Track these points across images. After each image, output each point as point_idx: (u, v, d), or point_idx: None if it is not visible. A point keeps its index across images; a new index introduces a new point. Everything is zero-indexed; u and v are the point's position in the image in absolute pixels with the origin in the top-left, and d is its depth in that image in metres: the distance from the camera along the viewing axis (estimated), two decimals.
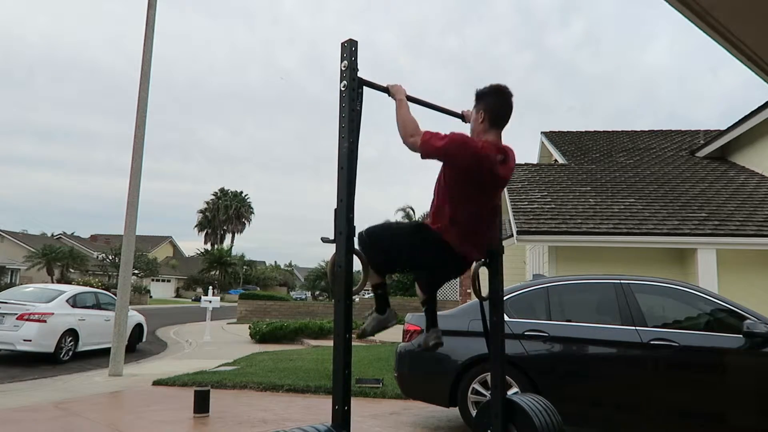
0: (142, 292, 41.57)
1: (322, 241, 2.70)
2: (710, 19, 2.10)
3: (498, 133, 2.90)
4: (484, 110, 2.88)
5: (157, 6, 9.44)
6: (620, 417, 4.50)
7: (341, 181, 2.71)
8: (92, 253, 49.04)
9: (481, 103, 2.92)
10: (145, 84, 9.24)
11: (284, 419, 5.39)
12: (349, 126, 2.74)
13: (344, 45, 2.80)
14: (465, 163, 2.72)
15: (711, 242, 8.75)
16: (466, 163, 2.72)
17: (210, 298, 15.66)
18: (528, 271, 12.06)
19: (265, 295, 26.88)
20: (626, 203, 10.09)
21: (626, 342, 4.52)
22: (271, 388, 7.03)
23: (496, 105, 2.87)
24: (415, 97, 3.12)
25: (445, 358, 4.97)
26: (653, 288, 4.94)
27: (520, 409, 3.15)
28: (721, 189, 10.73)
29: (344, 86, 2.76)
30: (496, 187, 2.94)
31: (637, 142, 15.41)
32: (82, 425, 5.23)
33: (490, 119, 2.87)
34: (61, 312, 10.45)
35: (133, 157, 9.09)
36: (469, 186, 2.78)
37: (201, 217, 64.25)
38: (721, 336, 4.46)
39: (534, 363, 4.67)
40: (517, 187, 11.06)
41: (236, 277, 56.02)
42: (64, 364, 10.02)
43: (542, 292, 5.09)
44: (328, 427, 2.54)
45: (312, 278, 47.40)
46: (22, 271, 43.84)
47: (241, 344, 14.03)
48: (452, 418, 5.43)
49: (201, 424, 5.28)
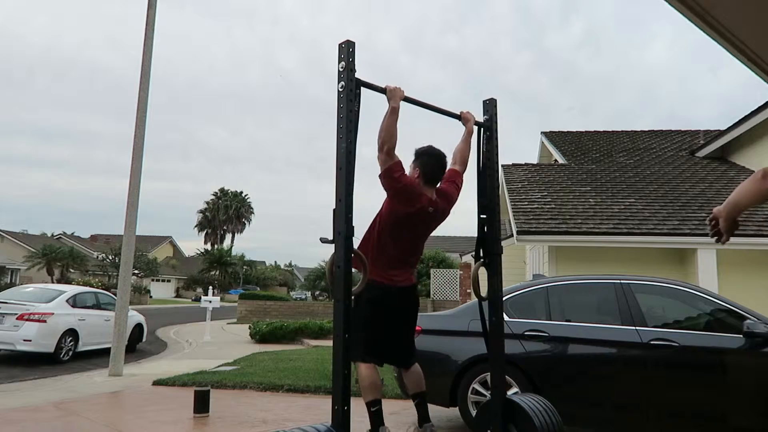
0: (142, 292, 41.57)
1: (321, 242, 2.70)
2: (710, 19, 2.10)
3: (431, 188, 3.39)
4: (419, 168, 3.38)
5: (157, 6, 9.44)
6: (620, 417, 4.49)
7: (340, 181, 2.72)
8: (92, 253, 49.05)
9: (417, 161, 3.41)
10: (145, 84, 9.23)
11: (284, 419, 5.39)
12: (347, 127, 2.74)
13: (341, 46, 2.80)
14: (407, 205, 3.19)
15: (711, 242, 8.62)
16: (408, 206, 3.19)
17: (210, 298, 15.65)
18: (528, 271, 12.06)
19: (265, 295, 26.88)
20: (626, 203, 10.08)
21: (626, 342, 4.51)
22: (271, 388, 7.03)
23: (428, 166, 3.38)
24: (414, 98, 3.12)
25: (445, 358, 4.97)
26: (653, 288, 4.94)
27: (520, 409, 3.15)
28: (721, 189, 10.72)
29: (342, 87, 2.77)
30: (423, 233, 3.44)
31: (637, 142, 15.40)
32: (82, 425, 5.22)
33: (423, 176, 3.35)
34: (61, 312, 10.45)
35: (133, 157, 9.08)
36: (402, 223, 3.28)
37: (201, 217, 64.26)
38: (721, 336, 4.45)
39: (534, 363, 4.66)
40: (517, 187, 11.05)
41: (236, 277, 56.02)
42: (64, 364, 10.02)
43: (542, 292, 5.09)
44: (328, 427, 2.55)
45: (312, 278, 47.32)
46: (22, 271, 43.83)
47: (241, 344, 14.02)
48: (452, 418, 5.43)
49: (201, 424, 5.27)
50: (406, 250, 3.40)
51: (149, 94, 9.30)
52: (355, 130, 2.79)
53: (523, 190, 10.94)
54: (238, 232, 65.04)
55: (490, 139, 3.58)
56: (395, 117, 2.99)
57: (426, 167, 3.35)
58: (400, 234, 3.30)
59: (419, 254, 3.56)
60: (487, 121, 3.62)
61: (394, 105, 2.98)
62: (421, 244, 3.51)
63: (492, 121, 3.61)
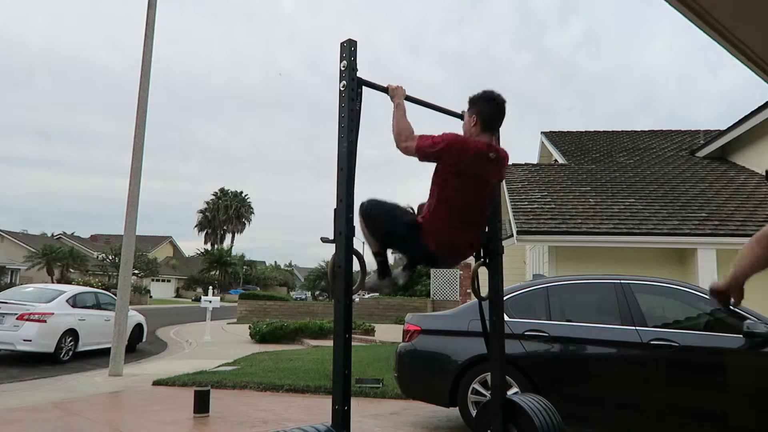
0: (142, 292, 41.57)
1: (322, 242, 2.70)
2: (710, 18, 2.10)
3: (490, 135, 3.01)
4: (476, 114, 2.99)
5: (157, 6, 9.44)
6: (620, 417, 4.49)
7: (341, 181, 2.72)
8: (92, 253, 49.03)
9: (474, 107, 3.03)
10: (145, 84, 9.23)
11: (284, 419, 5.39)
12: (349, 126, 2.74)
13: (343, 45, 2.80)
14: (459, 160, 2.82)
15: (711, 242, 8.74)
16: (459, 161, 2.82)
17: (210, 298, 15.65)
18: (528, 271, 12.06)
19: (265, 295, 26.89)
20: (626, 203, 10.08)
21: (626, 342, 4.51)
22: (271, 388, 7.03)
23: (487, 110, 3.00)
24: (414, 97, 3.12)
25: (445, 358, 4.97)
26: (653, 288, 4.94)
27: (520, 409, 3.15)
28: (721, 189, 10.73)
29: (343, 86, 2.77)
30: (486, 185, 3.02)
31: (637, 142, 15.41)
32: (82, 425, 5.23)
33: (482, 123, 2.98)
34: (61, 312, 10.45)
35: (133, 157, 9.08)
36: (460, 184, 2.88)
37: (201, 217, 64.25)
38: (721, 336, 4.46)
39: (534, 363, 4.66)
40: (517, 187, 11.05)
41: (236, 277, 56.01)
42: (64, 364, 10.02)
43: (542, 292, 5.09)
44: (328, 427, 2.55)
45: (312, 278, 47.33)
46: (22, 271, 43.82)
47: (241, 344, 14.03)
48: (452, 418, 5.43)
49: (201, 424, 5.27)
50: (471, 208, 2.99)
51: (149, 94, 9.30)
52: (357, 130, 2.79)
53: (523, 190, 10.94)
54: (238, 232, 65.08)
55: None
56: (402, 111, 2.93)
57: (484, 113, 2.99)
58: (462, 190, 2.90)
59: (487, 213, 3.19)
60: None
61: (398, 101, 2.94)
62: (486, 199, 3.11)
63: None
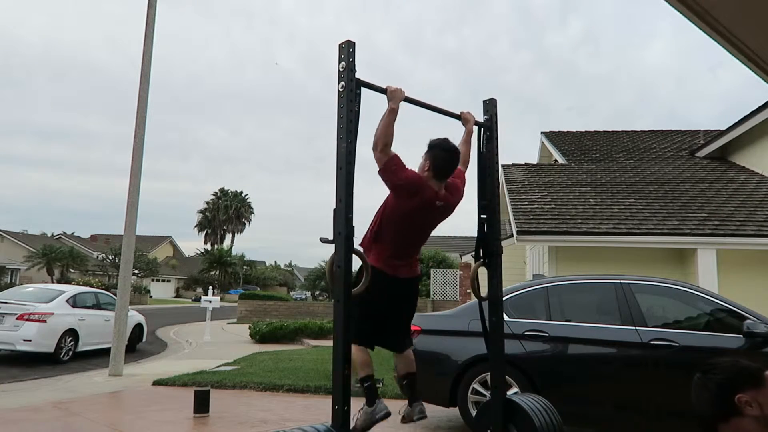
0: (142, 292, 41.57)
1: (321, 242, 2.70)
2: (710, 18, 2.09)
3: (440, 182, 3.25)
4: (431, 160, 3.23)
5: (157, 6, 9.44)
6: (620, 417, 4.49)
7: (340, 181, 2.72)
8: (92, 253, 49.05)
9: (430, 152, 3.25)
10: (145, 84, 9.23)
11: (284, 419, 5.39)
12: (348, 127, 2.74)
13: (342, 46, 2.80)
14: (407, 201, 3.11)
15: (711, 242, 8.75)
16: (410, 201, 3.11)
17: (210, 298, 15.64)
18: (528, 271, 12.07)
19: (265, 295, 26.85)
20: (626, 203, 10.08)
21: (626, 342, 4.51)
22: (271, 388, 7.03)
23: (441, 159, 3.22)
24: (414, 98, 3.12)
25: (445, 358, 4.97)
26: (653, 288, 4.94)
27: (520, 409, 3.15)
28: (721, 189, 10.72)
29: (342, 87, 2.77)
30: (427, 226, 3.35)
31: (637, 142, 15.40)
32: (82, 425, 5.23)
33: (434, 170, 3.21)
34: (61, 312, 10.45)
35: (133, 157, 9.08)
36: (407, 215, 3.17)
37: (201, 217, 64.25)
38: (721, 336, 4.46)
39: (534, 363, 4.66)
40: (517, 187, 11.05)
41: (236, 277, 56.01)
42: (64, 364, 10.01)
43: (542, 292, 5.09)
44: (328, 427, 2.55)
45: (312, 278, 47.37)
46: (22, 271, 43.82)
47: (241, 344, 14.02)
48: (452, 418, 5.43)
49: (201, 424, 5.27)
50: (409, 242, 3.33)
51: (149, 94, 9.30)
52: (356, 130, 2.79)
53: (523, 190, 10.94)
54: (238, 232, 65.08)
55: (490, 139, 3.58)
56: (393, 118, 2.98)
57: (437, 161, 3.20)
58: (404, 226, 3.22)
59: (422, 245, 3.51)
60: (487, 121, 3.63)
61: (393, 106, 2.98)
62: (425, 236, 3.44)
63: (492, 121, 3.62)
